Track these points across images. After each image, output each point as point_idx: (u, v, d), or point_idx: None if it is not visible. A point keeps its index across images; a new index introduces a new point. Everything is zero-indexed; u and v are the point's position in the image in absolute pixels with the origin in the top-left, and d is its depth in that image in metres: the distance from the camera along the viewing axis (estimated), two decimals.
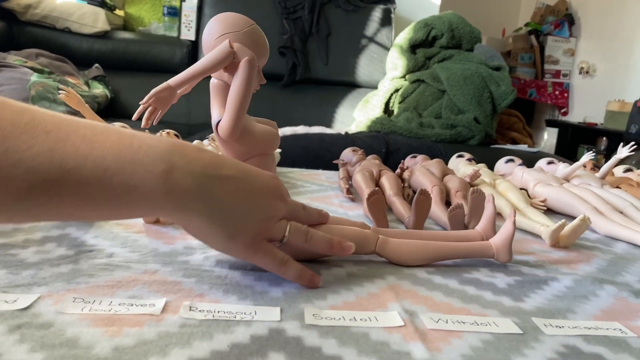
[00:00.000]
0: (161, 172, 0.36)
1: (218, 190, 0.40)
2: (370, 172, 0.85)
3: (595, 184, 0.90)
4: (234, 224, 0.42)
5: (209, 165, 0.40)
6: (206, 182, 0.39)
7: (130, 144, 0.36)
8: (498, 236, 0.55)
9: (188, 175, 0.38)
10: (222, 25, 0.48)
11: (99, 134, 0.35)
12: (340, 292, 0.45)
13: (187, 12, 2.40)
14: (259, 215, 0.43)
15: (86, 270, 0.45)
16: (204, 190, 0.39)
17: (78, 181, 0.34)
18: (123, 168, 0.35)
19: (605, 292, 0.50)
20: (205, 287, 0.44)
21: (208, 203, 0.40)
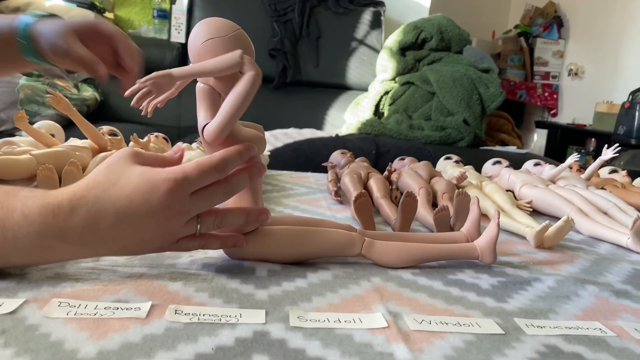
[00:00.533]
0: (41, 255, 0.43)
1: (101, 242, 0.43)
2: (358, 175, 0.86)
3: (581, 185, 0.91)
4: (133, 251, 0.46)
5: (84, 229, 0.41)
6: (86, 244, 0.42)
7: (3, 236, 0.40)
8: (482, 238, 0.56)
9: (66, 248, 0.42)
10: (207, 29, 0.48)
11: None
12: (326, 294, 0.45)
13: (177, 14, 2.40)
14: (154, 239, 0.44)
15: (72, 274, 0.45)
16: (89, 250, 0.44)
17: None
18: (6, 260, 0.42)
19: (587, 292, 0.51)
20: (191, 290, 0.44)
21: (97, 251, 0.44)
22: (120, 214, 0.42)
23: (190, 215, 0.44)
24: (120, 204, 0.42)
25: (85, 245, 0.42)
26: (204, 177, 0.43)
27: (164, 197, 0.42)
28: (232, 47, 0.48)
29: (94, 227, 0.41)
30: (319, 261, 0.54)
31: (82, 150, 0.78)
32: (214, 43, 0.47)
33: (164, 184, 0.42)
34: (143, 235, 0.43)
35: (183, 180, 0.42)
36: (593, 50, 4.11)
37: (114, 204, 0.41)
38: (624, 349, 0.40)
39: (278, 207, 0.78)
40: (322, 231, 0.52)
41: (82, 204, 0.41)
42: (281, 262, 0.51)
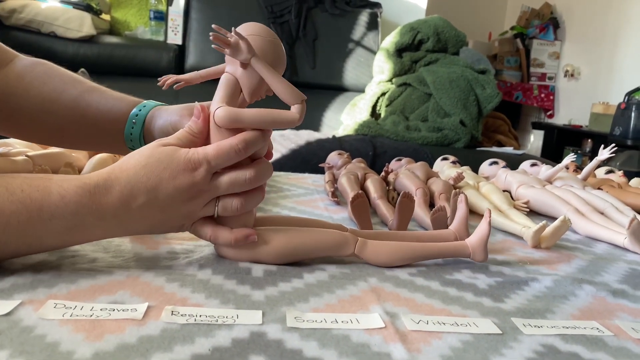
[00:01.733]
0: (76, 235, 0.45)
1: (131, 218, 0.46)
2: (355, 176, 0.86)
3: (577, 185, 0.91)
4: (159, 229, 0.49)
5: (117, 208, 0.44)
6: (119, 221, 0.45)
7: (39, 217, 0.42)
8: (474, 236, 0.56)
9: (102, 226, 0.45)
10: (251, 28, 0.49)
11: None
12: (323, 294, 0.45)
13: (174, 16, 2.40)
14: (178, 217, 0.48)
15: (68, 275, 0.45)
16: (120, 229, 0.47)
17: None
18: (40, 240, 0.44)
19: (584, 292, 0.51)
20: (187, 292, 0.44)
21: (125, 228, 0.47)
22: (150, 193, 0.45)
23: (211, 196, 0.47)
24: (150, 183, 0.45)
25: (118, 223, 0.45)
26: (222, 159, 0.46)
27: (189, 176, 0.45)
28: (268, 49, 0.48)
29: (126, 205, 0.44)
30: (315, 261, 0.53)
31: (78, 152, 0.78)
32: (254, 38, 0.48)
33: (188, 162, 0.45)
34: (169, 213, 0.47)
35: (203, 160, 0.45)
36: (589, 52, 4.12)
37: (144, 184, 0.45)
38: (622, 348, 0.40)
39: (275, 208, 0.77)
40: (314, 232, 0.52)
41: (116, 184, 0.44)
42: (274, 263, 0.51)
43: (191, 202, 0.47)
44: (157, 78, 0.59)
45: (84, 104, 0.63)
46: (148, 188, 0.45)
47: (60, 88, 0.63)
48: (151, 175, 0.45)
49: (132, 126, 0.63)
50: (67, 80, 0.64)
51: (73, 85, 0.64)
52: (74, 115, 0.63)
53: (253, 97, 0.50)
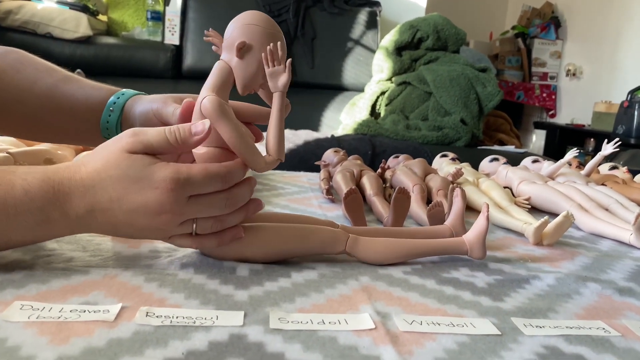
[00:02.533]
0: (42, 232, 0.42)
1: (96, 223, 0.43)
2: (350, 172, 0.83)
3: (580, 181, 0.89)
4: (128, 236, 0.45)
5: (80, 210, 0.42)
6: (83, 222, 0.42)
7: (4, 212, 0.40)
8: (471, 232, 0.53)
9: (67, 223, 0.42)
10: (252, 17, 0.47)
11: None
12: (310, 294, 0.42)
13: (171, 16, 2.38)
14: (146, 233, 0.44)
15: (40, 275, 0.42)
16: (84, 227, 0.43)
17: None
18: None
19: (589, 290, 0.48)
20: (166, 292, 0.41)
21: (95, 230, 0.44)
22: (114, 202, 0.42)
23: (184, 218, 0.43)
24: (115, 193, 0.41)
25: (82, 224, 0.43)
26: (207, 183, 0.42)
27: (160, 196, 0.41)
28: (267, 42, 0.46)
29: (90, 210, 0.42)
30: (305, 260, 0.51)
31: (64, 149, 0.76)
32: (254, 28, 0.46)
33: (163, 183, 0.41)
34: (135, 225, 0.43)
35: (185, 182, 0.41)
36: (591, 50, 4.09)
37: (109, 193, 0.41)
38: (630, 349, 0.37)
39: (267, 207, 0.75)
40: (304, 228, 0.49)
41: (80, 186, 0.41)
42: (261, 261, 0.48)
43: (160, 219, 0.42)
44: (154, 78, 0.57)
45: (59, 93, 0.60)
46: (112, 197, 0.41)
47: (34, 77, 0.60)
48: (117, 184, 0.41)
49: (110, 114, 0.60)
50: (42, 69, 0.61)
51: (48, 74, 0.61)
52: (48, 104, 0.60)
53: (246, 90, 0.48)
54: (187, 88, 0.52)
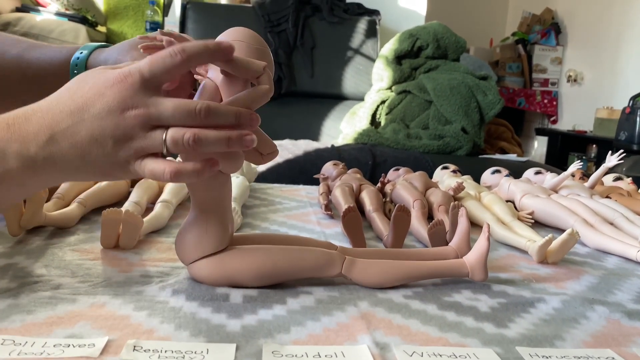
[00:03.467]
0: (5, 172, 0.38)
1: (59, 152, 0.39)
2: (350, 187, 0.81)
3: (584, 194, 0.87)
4: (96, 165, 0.40)
5: (39, 136, 0.38)
6: (45, 154, 0.39)
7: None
8: (472, 253, 0.52)
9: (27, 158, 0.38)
10: (240, 33, 0.46)
11: None
12: (306, 323, 0.41)
13: (170, 27, 2.38)
14: (113, 144, 0.38)
15: (25, 305, 0.41)
16: (49, 163, 0.39)
17: None
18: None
19: (596, 314, 0.47)
20: (155, 322, 0.39)
21: (61, 169, 0.40)
22: (74, 115, 0.38)
23: (147, 114, 0.38)
24: (74, 105, 0.39)
25: (44, 159, 0.39)
26: (157, 68, 0.38)
27: (118, 87, 0.38)
28: (253, 57, 0.44)
29: (49, 132, 0.38)
30: (301, 283, 0.49)
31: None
32: (239, 45, 0.44)
33: (116, 76, 0.39)
34: (102, 142, 0.38)
35: (135, 71, 0.38)
36: (591, 56, 4.08)
37: (68, 106, 0.39)
38: None
39: (264, 223, 0.73)
40: (298, 250, 0.48)
41: (37, 111, 0.39)
42: (254, 285, 0.46)
43: (126, 123, 0.38)
44: None
45: (24, 63, 0.60)
46: (72, 109, 0.38)
47: (1, 50, 0.60)
48: (75, 95, 0.39)
49: (75, 71, 0.58)
50: (7, 42, 0.61)
51: (13, 45, 0.61)
52: (15, 74, 0.59)
53: None
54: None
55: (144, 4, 2.45)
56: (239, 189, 0.78)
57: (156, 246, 0.58)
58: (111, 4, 2.47)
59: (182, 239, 0.46)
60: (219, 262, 0.46)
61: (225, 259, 0.46)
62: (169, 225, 0.67)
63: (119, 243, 0.56)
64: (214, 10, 2.47)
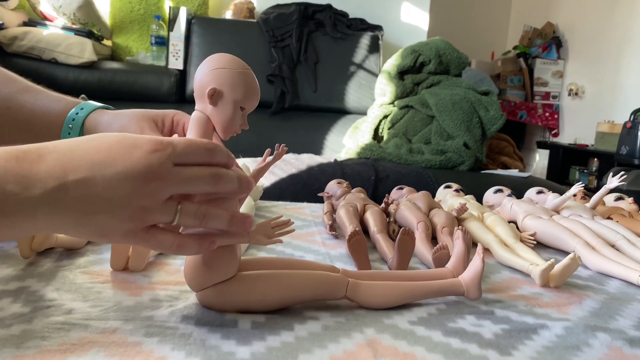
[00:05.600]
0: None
1: (66, 201, 0.36)
2: (354, 207, 0.82)
3: (586, 214, 0.88)
4: (98, 227, 0.38)
5: (49, 178, 0.35)
6: (50, 200, 0.35)
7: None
8: (467, 273, 0.54)
9: (27, 202, 0.34)
10: (219, 61, 0.46)
11: None
12: (314, 350, 0.42)
13: (175, 41, 2.40)
14: (125, 211, 0.37)
15: (39, 331, 0.42)
16: (49, 209, 0.35)
17: None
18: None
19: (599, 341, 0.47)
20: (167, 349, 0.40)
21: (60, 217, 0.36)
22: (95, 166, 0.36)
23: (170, 187, 0.38)
24: (97, 156, 0.37)
25: (47, 203, 0.35)
26: (190, 150, 0.39)
27: (146, 155, 0.37)
28: (238, 82, 0.46)
29: (61, 177, 0.35)
30: (307, 308, 0.50)
31: None
32: (221, 72, 0.46)
33: (149, 143, 0.38)
34: (114, 200, 0.37)
35: (168, 144, 0.38)
36: (592, 70, 4.10)
37: (90, 156, 0.37)
38: None
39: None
40: (303, 275, 0.49)
41: (52, 152, 0.36)
42: (260, 310, 0.48)
43: (145, 187, 0.37)
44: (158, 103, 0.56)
45: (15, 105, 0.56)
46: (93, 161, 0.36)
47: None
48: (101, 147, 0.37)
49: (69, 131, 0.56)
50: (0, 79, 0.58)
51: (6, 84, 0.58)
52: (5, 116, 0.56)
53: (227, 134, 0.48)
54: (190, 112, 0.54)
55: (150, 18, 2.48)
56: (245, 208, 0.79)
57: (165, 268, 0.59)
58: (117, 19, 2.50)
59: (192, 267, 0.47)
60: (226, 290, 0.47)
61: (232, 287, 0.47)
62: None
63: (128, 266, 0.57)
64: (219, 25, 2.49)
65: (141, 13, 2.50)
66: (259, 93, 0.48)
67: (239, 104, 0.47)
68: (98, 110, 0.58)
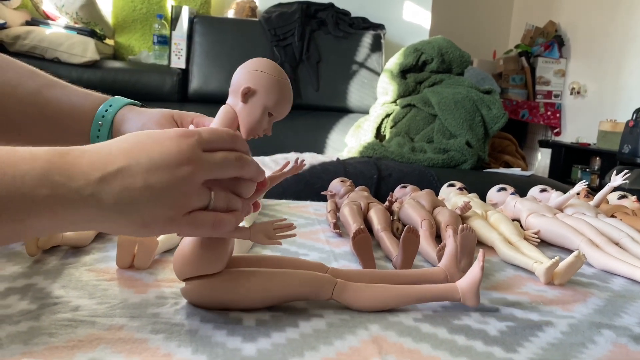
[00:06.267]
0: (43, 199, 0.35)
1: (109, 192, 0.37)
2: (358, 206, 0.82)
3: (590, 213, 0.88)
4: (140, 216, 0.39)
5: (92, 170, 0.37)
6: (94, 191, 0.37)
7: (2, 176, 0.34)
8: (465, 280, 0.52)
9: (72, 192, 0.36)
10: (259, 64, 0.47)
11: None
12: (319, 347, 0.42)
13: (177, 40, 2.40)
14: (166, 199, 0.39)
15: (47, 327, 0.42)
16: (93, 200, 0.37)
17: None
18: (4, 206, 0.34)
19: (603, 338, 0.47)
20: (173, 345, 0.41)
21: (103, 209, 0.37)
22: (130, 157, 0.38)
23: (203, 172, 0.40)
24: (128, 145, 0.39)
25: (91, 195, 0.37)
26: (216, 136, 0.42)
27: (177, 141, 0.39)
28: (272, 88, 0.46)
29: (102, 169, 0.37)
30: (312, 305, 0.50)
31: None
32: (260, 75, 0.47)
33: (177, 131, 0.40)
34: (155, 188, 0.38)
35: (195, 132, 0.41)
36: (595, 69, 4.10)
37: (121, 148, 0.39)
38: None
39: None
40: (288, 274, 0.48)
41: (92, 149, 0.39)
42: (245, 307, 0.48)
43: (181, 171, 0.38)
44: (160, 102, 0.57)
45: (42, 100, 0.56)
46: (126, 149, 0.38)
47: (16, 81, 0.56)
48: (132, 139, 0.40)
49: (99, 128, 0.56)
50: (24, 73, 0.57)
51: (31, 78, 0.57)
52: (31, 111, 0.56)
53: (250, 134, 0.48)
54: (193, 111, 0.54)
55: (152, 17, 2.48)
56: None
57: (170, 266, 0.60)
58: (119, 18, 2.50)
59: (182, 256, 0.47)
60: (210, 284, 0.47)
61: (217, 282, 0.47)
62: None
63: (134, 263, 0.57)
64: (221, 24, 2.49)
65: (143, 12, 2.50)
66: (290, 104, 0.48)
67: (269, 109, 0.47)
68: (126, 107, 0.58)
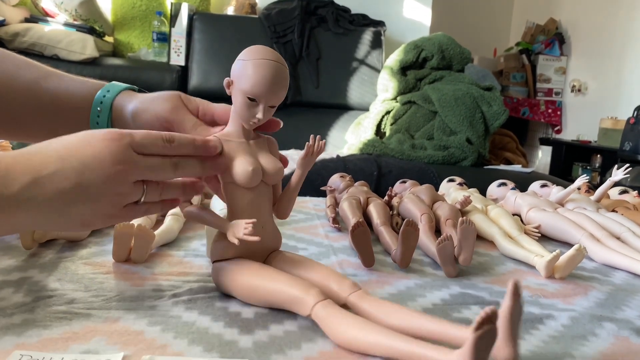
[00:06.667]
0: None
1: (44, 196, 0.38)
2: (357, 200, 0.82)
3: (591, 207, 0.87)
4: (79, 216, 0.41)
5: (24, 175, 0.38)
6: (29, 196, 0.38)
7: None
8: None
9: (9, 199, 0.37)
10: (242, 53, 0.47)
11: None
12: (316, 340, 0.41)
13: (177, 37, 2.39)
14: (101, 199, 0.41)
15: (41, 320, 0.42)
16: (30, 204, 0.38)
17: None
18: None
19: (605, 331, 0.47)
20: (169, 337, 0.40)
21: (41, 212, 0.39)
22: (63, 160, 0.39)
23: (137, 171, 0.42)
24: (63, 150, 0.40)
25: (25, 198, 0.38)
26: (149, 140, 0.43)
27: (109, 144, 0.40)
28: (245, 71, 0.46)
29: (36, 173, 0.38)
30: None
31: None
32: (236, 63, 0.47)
33: (108, 133, 0.41)
34: (91, 189, 0.40)
35: (127, 134, 0.42)
36: (595, 66, 4.09)
37: (57, 151, 0.40)
38: None
39: None
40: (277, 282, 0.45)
41: (25, 153, 0.39)
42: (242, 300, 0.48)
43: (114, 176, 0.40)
44: None
45: (40, 90, 0.56)
46: (61, 155, 0.39)
47: (13, 72, 0.56)
48: (66, 143, 0.40)
49: (98, 114, 0.56)
50: (21, 64, 0.57)
51: (28, 70, 0.57)
52: (29, 101, 0.56)
53: (243, 122, 0.49)
54: None
55: (151, 14, 2.48)
56: None
57: (167, 260, 0.59)
58: (118, 15, 2.50)
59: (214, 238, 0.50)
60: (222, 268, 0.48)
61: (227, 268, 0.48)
62: (179, 238, 0.68)
63: (131, 257, 0.57)
64: (221, 20, 2.49)
65: (143, 9, 2.49)
66: (274, 85, 0.46)
67: (247, 94, 0.46)
68: (125, 92, 0.58)
